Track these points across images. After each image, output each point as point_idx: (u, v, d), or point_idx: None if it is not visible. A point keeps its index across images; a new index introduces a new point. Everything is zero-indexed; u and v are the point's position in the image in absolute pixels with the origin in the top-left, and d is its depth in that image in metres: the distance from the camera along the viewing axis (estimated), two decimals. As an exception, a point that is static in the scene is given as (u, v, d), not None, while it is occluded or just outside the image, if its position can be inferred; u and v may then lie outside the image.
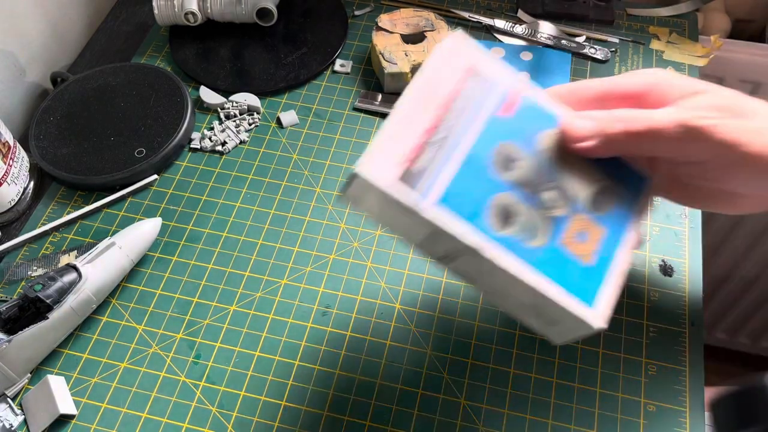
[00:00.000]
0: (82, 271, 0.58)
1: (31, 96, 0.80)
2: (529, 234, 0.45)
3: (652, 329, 0.59)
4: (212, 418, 0.55)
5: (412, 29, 0.76)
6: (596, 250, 0.46)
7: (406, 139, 0.44)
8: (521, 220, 0.45)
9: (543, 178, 0.47)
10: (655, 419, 0.54)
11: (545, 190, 0.46)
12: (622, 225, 0.47)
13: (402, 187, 0.42)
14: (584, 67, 0.78)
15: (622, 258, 0.46)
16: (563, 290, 0.44)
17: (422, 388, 0.56)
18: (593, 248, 0.46)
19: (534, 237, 0.45)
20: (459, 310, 0.60)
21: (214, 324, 0.60)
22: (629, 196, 0.48)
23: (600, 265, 0.45)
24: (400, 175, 0.43)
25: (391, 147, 0.43)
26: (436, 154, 0.44)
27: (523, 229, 0.45)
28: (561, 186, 0.47)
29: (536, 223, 0.45)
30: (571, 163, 0.48)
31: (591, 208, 0.47)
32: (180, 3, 0.77)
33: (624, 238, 0.47)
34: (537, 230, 0.45)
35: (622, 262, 0.46)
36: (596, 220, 0.47)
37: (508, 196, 0.45)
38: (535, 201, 0.46)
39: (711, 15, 0.97)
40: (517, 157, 0.46)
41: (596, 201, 0.47)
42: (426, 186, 0.43)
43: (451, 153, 0.44)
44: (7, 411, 0.56)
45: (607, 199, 0.48)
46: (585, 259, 0.45)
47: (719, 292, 1.26)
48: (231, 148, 0.72)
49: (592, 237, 0.46)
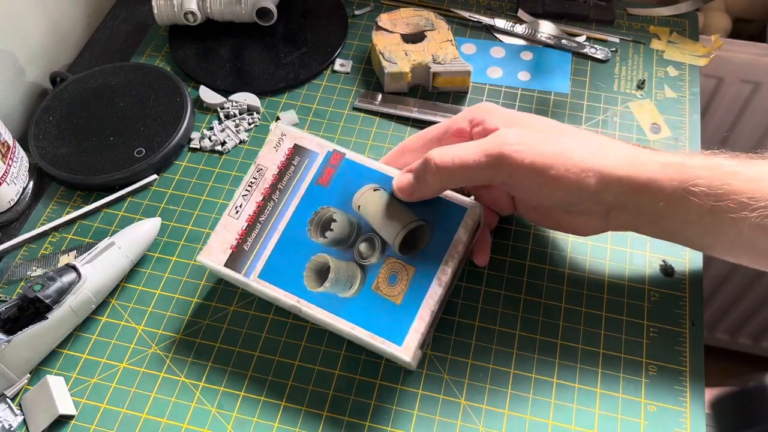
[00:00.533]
0: (82, 272, 0.57)
1: (30, 96, 0.80)
2: (344, 286, 0.53)
3: (653, 329, 0.59)
4: (212, 418, 0.55)
5: (412, 29, 0.76)
6: (405, 290, 0.52)
7: (234, 226, 0.56)
8: (335, 275, 0.53)
9: (358, 233, 0.55)
10: (655, 419, 0.54)
11: (360, 242, 0.54)
12: (434, 261, 0.53)
13: (228, 268, 0.55)
14: (584, 67, 0.78)
15: (432, 292, 0.52)
16: (374, 332, 0.51)
17: (422, 388, 0.56)
18: (402, 288, 0.53)
19: (350, 287, 0.53)
20: (459, 310, 0.60)
21: (214, 324, 0.60)
22: (446, 230, 0.54)
23: (408, 304, 0.52)
24: (226, 259, 0.55)
25: (222, 236, 0.56)
26: (260, 232, 0.56)
27: (337, 283, 0.53)
28: (374, 236, 0.54)
29: (351, 274, 0.53)
30: (390, 211, 0.55)
31: (401, 251, 0.54)
32: (180, 2, 0.77)
33: (435, 273, 0.53)
34: (353, 280, 0.53)
35: (432, 295, 0.52)
36: (407, 261, 0.53)
37: (323, 257, 0.54)
38: (351, 255, 0.54)
39: (711, 14, 0.97)
40: (334, 218, 0.55)
41: (407, 243, 0.54)
42: (252, 262, 0.55)
43: (273, 230, 0.56)
44: (7, 411, 0.55)
45: (419, 238, 0.54)
46: (395, 300, 0.52)
47: (719, 292, 1.26)
48: (231, 147, 0.72)
49: (401, 278, 0.53)
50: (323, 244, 0.55)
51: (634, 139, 0.71)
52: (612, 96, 0.75)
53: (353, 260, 0.54)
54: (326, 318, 0.53)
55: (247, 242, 0.56)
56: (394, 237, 0.54)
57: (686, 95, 0.75)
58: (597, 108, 0.74)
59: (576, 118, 0.73)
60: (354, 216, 0.56)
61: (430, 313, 0.52)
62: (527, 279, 0.62)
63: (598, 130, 0.72)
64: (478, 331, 0.59)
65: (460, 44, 0.80)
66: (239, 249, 0.56)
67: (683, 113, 0.73)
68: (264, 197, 0.57)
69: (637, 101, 0.74)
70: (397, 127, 0.73)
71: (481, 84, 0.76)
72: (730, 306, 1.29)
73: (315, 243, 0.55)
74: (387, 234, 0.55)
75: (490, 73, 0.77)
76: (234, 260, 0.55)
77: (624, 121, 0.73)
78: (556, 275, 0.62)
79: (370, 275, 0.53)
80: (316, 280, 0.54)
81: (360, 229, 0.55)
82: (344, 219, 0.55)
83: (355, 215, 0.56)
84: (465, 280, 0.62)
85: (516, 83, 0.76)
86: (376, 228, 0.55)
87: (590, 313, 0.60)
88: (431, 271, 0.53)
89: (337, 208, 0.56)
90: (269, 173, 0.58)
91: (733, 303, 1.27)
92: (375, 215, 0.55)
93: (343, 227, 0.55)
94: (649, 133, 0.72)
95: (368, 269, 0.54)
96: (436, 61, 0.73)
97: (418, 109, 0.73)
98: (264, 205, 0.57)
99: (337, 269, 0.54)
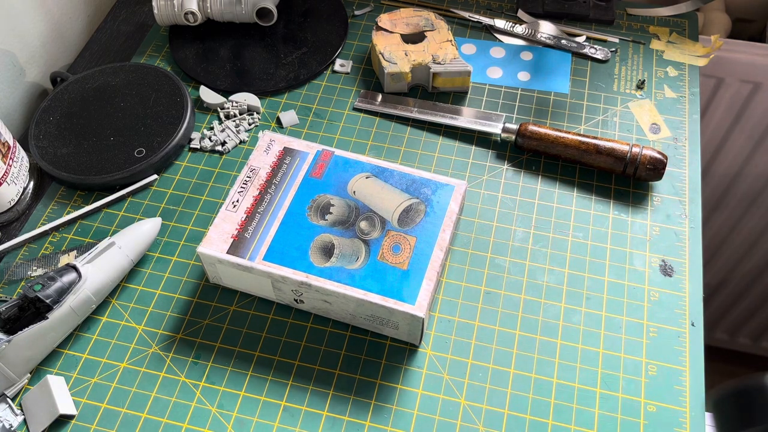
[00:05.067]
0: (82, 271, 0.58)
1: (30, 96, 0.80)
2: (350, 258, 0.57)
3: (652, 329, 0.59)
4: (212, 418, 0.55)
5: (412, 29, 0.76)
6: (409, 257, 0.57)
7: (233, 218, 0.59)
8: (340, 251, 0.57)
9: (357, 213, 0.59)
10: (655, 419, 0.54)
11: (360, 221, 0.59)
12: (432, 231, 0.59)
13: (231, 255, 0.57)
14: (584, 67, 0.78)
15: (435, 256, 0.57)
16: (386, 296, 0.55)
17: (422, 388, 0.56)
18: (407, 255, 0.57)
19: (356, 259, 0.57)
20: (459, 310, 0.60)
21: (214, 324, 0.60)
22: (439, 204, 0.60)
23: (415, 268, 0.57)
24: (228, 247, 0.58)
25: (221, 228, 0.59)
26: (260, 221, 0.59)
27: (343, 257, 0.57)
28: (373, 214, 0.59)
29: (356, 248, 0.57)
30: (385, 193, 0.61)
31: (400, 225, 0.59)
32: (180, 3, 0.77)
33: (435, 240, 0.58)
34: (358, 253, 0.57)
35: (435, 259, 0.57)
36: (406, 233, 0.59)
37: (326, 236, 0.58)
38: (352, 233, 0.58)
39: (711, 15, 0.97)
40: (332, 203, 0.60)
41: (404, 219, 0.59)
42: (255, 247, 0.58)
43: (273, 218, 0.59)
44: (7, 411, 0.56)
45: (414, 214, 0.60)
46: (402, 266, 0.57)
47: (719, 292, 1.26)
48: (231, 147, 0.72)
49: (405, 247, 0.58)
50: (324, 225, 0.59)
51: (634, 139, 0.71)
52: (612, 96, 0.75)
53: (356, 237, 0.58)
54: (337, 289, 0.55)
55: (248, 230, 0.59)
56: (392, 212, 0.59)
57: (686, 95, 0.75)
58: (597, 108, 0.74)
59: (576, 118, 0.73)
60: (351, 200, 0.60)
61: (436, 275, 0.56)
62: (527, 279, 0.62)
63: (598, 130, 0.72)
64: (478, 331, 0.59)
65: (460, 44, 0.80)
66: (240, 237, 0.58)
67: (683, 113, 0.73)
68: (260, 191, 0.61)
69: (637, 101, 0.74)
70: (397, 127, 0.73)
71: (481, 84, 0.76)
72: (730, 306, 1.29)
73: (316, 225, 0.59)
74: (385, 211, 0.60)
75: (490, 73, 0.77)
76: (236, 248, 0.58)
77: (624, 121, 0.73)
78: (556, 275, 0.62)
79: (374, 248, 0.58)
80: (322, 257, 0.57)
81: (358, 210, 0.60)
82: (342, 203, 0.60)
83: (351, 200, 0.60)
84: (465, 280, 0.62)
85: (516, 83, 0.76)
86: (373, 208, 0.60)
87: (590, 313, 0.60)
88: (431, 239, 0.58)
89: (333, 195, 0.61)
90: (263, 171, 0.62)
91: (733, 303, 1.27)
92: (371, 197, 0.60)
93: (342, 209, 0.60)
94: (648, 133, 0.72)
95: (371, 243, 0.58)
96: (436, 61, 0.73)
97: (418, 109, 0.73)
98: (261, 198, 0.61)
99: (342, 245, 0.58)
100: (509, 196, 0.67)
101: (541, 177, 0.69)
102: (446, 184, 0.62)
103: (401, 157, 0.71)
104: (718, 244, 1.15)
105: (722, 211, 1.10)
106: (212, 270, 0.60)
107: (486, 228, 0.65)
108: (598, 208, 0.66)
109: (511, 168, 0.70)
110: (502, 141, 0.71)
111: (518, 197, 0.67)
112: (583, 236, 0.65)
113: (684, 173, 0.69)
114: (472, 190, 0.68)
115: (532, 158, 0.70)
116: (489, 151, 0.71)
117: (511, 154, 0.71)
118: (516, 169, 0.70)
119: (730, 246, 1.15)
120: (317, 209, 0.60)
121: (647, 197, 0.67)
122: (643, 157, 0.65)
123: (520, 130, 0.69)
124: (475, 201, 0.67)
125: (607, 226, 0.65)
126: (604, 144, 0.67)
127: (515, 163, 0.70)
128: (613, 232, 0.65)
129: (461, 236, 0.65)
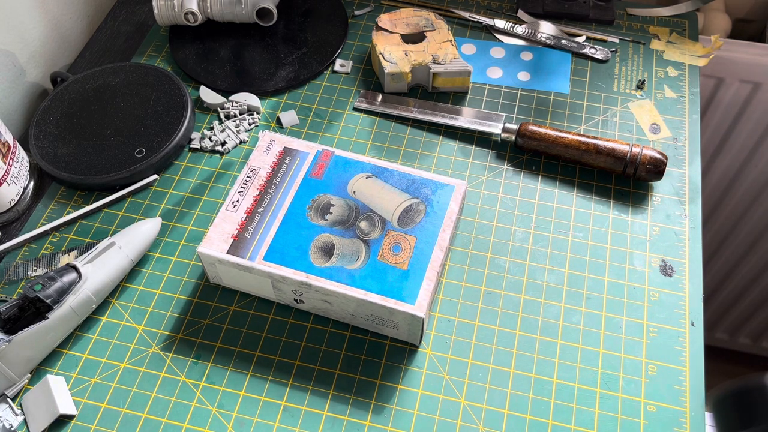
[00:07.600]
0: (82, 271, 0.58)
1: (30, 96, 0.80)
2: (350, 258, 0.57)
3: (652, 329, 0.59)
4: (212, 418, 0.55)
5: (412, 29, 0.76)
6: (409, 257, 0.57)
7: (233, 218, 0.59)
8: (340, 251, 0.57)
9: (357, 213, 0.59)
10: (655, 419, 0.54)
11: (360, 220, 0.59)
12: (432, 230, 0.59)
13: (231, 255, 0.57)
14: (584, 68, 0.78)
15: (435, 256, 0.57)
16: (386, 296, 0.55)
17: (422, 388, 0.56)
18: (407, 255, 0.57)
19: (356, 259, 0.57)
20: (459, 310, 0.60)
21: (214, 324, 0.60)
22: (439, 204, 0.60)
23: (415, 268, 0.56)
24: (228, 247, 0.57)
25: (221, 228, 0.59)
26: (260, 221, 0.59)
27: (343, 257, 0.57)
28: (373, 214, 0.59)
29: (356, 248, 0.57)
30: (385, 193, 0.60)
31: (400, 225, 0.59)
32: (180, 3, 0.77)
33: (435, 240, 0.58)
34: (358, 253, 0.57)
35: (435, 259, 0.57)
36: (406, 233, 0.58)
37: (326, 236, 0.58)
38: (352, 233, 0.58)
39: (711, 15, 0.97)
40: (332, 203, 0.60)
41: (404, 219, 0.59)
42: (255, 247, 0.58)
43: (273, 218, 0.59)
44: (7, 411, 0.56)
45: (414, 214, 0.59)
46: (402, 266, 0.57)
47: (719, 292, 1.26)
48: (231, 148, 0.72)
49: (405, 247, 0.58)
50: (324, 225, 0.59)
51: (634, 139, 0.71)
52: (612, 96, 0.75)
53: (356, 237, 0.58)
54: (337, 289, 0.55)
55: (248, 230, 0.59)
56: (392, 212, 0.59)
57: (686, 95, 0.75)
58: (597, 108, 0.74)
59: (576, 118, 0.73)
60: (351, 200, 0.60)
61: (436, 275, 0.56)
62: (527, 279, 0.62)
63: (598, 130, 0.72)
64: (478, 331, 0.59)
65: (460, 44, 0.80)
66: (240, 237, 0.59)
67: (683, 113, 0.73)
68: (260, 191, 0.61)
69: (637, 101, 0.74)
70: (397, 127, 0.73)
71: (481, 84, 0.76)
72: (730, 306, 1.29)
73: (317, 225, 0.59)
74: (385, 211, 0.60)
75: (490, 73, 0.77)
76: (236, 247, 0.58)
77: (624, 121, 0.73)
78: (556, 275, 0.62)
79: (374, 248, 0.58)
80: (322, 257, 0.57)
81: (358, 210, 0.60)
82: (342, 203, 0.60)
83: (351, 200, 0.60)
84: (465, 280, 0.62)
85: (516, 83, 0.76)
86: (373, 208, 0.60)
87: (590, 313, 0.60)
88: (431, 239, 0.58)
89: (333, 195, 0.61)
90: (263, 171, 0.62)
91: (733, 303, 1.27)
92: (371, 197, 0.61)
93: (342, 209, 0.60)
94: (648, 133, 0.72)
95: (371, 243, 0.58)
96: (436, 61, 0.73)
97: (418, 109, 0.73)
98: (261, 198, 0.61)
99: (342, 245, 0.58)
100: (509, 196, 0.67)
101: (541, 177, 0.69)
102: (446, 184, 0.62)
103: (401, 157, 0.71)
104: (718, 244, 1.15)
105: (722, 211, 1.10)
106: (212, 270, 0.60)
107: (486, 228, 0.65)
108: (598, 208, 0.67)
109: (511, 168, 0.70)
110: (502, 141, 0.71)
111: (518, 197, 0.67)
112: (583, 236, 0.65)
113: (684, 173, 0.69)
114: (472, 190, 0.68)
115: (532, 158, 0.70)
116: (489, 151, 0.71)
117: (511, 154, 0.71)
118: (516, 169, 0.70)
119: (730, 246, 1.14)
120: (317, 209, 0.60)
121: (647, 197, 0.67)
122: (643, 157, 0.65)
123: (520, 130, 0.69)
124: (475, 201, 0.67)
125: (607, 226, 0.65)
126: (604, 144, 0.67)
127: (515, 163, 0.70)
128: (613, 232, 0.65)
129: (461, 236, 0.65)
